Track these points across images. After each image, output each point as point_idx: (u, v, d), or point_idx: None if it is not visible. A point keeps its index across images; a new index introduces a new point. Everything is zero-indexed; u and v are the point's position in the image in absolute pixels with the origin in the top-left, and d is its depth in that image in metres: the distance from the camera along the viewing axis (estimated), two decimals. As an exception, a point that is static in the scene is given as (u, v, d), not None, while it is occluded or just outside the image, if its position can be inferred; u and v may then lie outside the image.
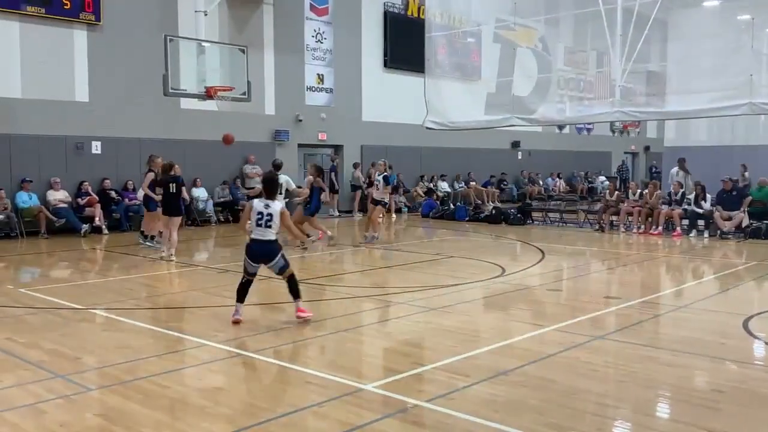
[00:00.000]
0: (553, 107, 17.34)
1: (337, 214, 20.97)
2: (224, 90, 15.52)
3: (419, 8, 22.68)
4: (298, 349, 6.46)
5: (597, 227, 16.88)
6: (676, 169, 18.31)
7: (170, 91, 14.84)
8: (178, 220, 12.11)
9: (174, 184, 12.00)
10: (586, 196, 23.54)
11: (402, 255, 12.86)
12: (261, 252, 7.07)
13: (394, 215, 20.93)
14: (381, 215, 14.76)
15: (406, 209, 22.54)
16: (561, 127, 28.86)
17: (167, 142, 17.41)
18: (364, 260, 12.62)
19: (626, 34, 14.64)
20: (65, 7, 15.69)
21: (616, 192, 17.35)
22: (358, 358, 6.28)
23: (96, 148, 16.38)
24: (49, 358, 5.93)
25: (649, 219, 16.14)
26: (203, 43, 15.65)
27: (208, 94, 15.31)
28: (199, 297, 8.83)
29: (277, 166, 12.85)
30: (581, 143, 31.25)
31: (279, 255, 7.08)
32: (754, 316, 7.62)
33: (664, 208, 15.87)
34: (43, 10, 15.38)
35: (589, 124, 28.80)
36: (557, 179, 29.04)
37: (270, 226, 6.98)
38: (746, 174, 22.74)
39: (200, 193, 17.77)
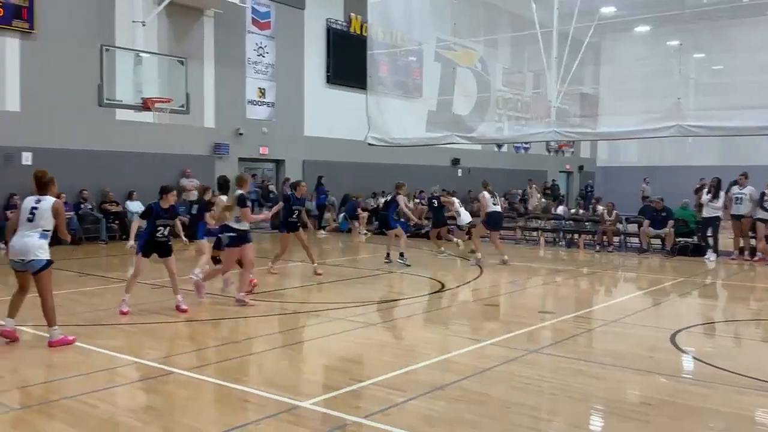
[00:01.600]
0: (491, 126, 17.69)
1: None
2: (162, 102, 15.27)
3: (362, 25, 22.86)
4: (234, 366, 6.35)
5: (598, 247, 16.90)
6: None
7: (105, 101, 14.52)
8: (201, 243, 10.29)
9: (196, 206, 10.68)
10: (523, 214, 24.04)
11: (342, 270, 12.84)
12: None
13: (324, 231, 20.86)
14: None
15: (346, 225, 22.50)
16: (499, 146, 29.46)
17: (102, 153, 16.99)
18: (304, 276, 12.53)
19: (561, 57, 15.09)
20: (-3, 14, 15.18)
21: (615, 212, 17.35)
22: (295, 375, 6.21)
23: (27, 159, 15.80)
24: (-30, 378, 5.67)
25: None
26: (141, 54, 15.39)
27: (145, 106, 15.05)
28: (133, 314, 8.57)
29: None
30: (519, 162, 31.94)
31: None
32: (681, 330, 7.90)
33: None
34: (-28, 16, 14.84)
35: (526, 143, 29.50)
36: (502, 198, 29.38)
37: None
38: (647, 187, 25.90)
39: (136, 206, 17.33)
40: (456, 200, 15.94)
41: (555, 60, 15.18)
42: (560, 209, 20.43)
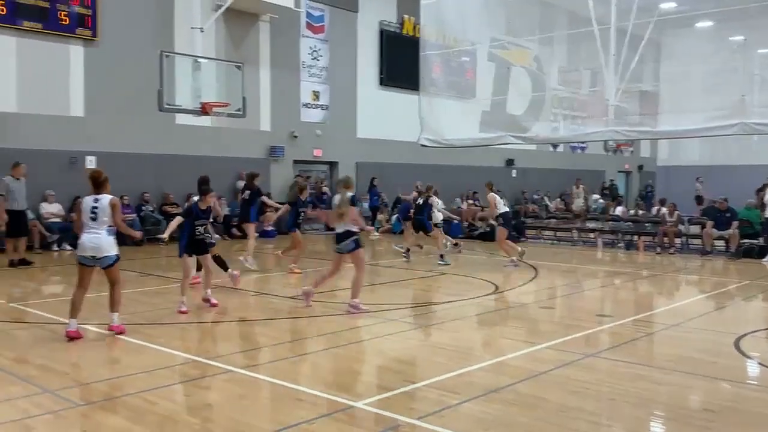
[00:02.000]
0: (547, 126, 17.38)
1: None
2: (220, 106, 15.56)
3: (414, 27, 22.85)
4: (289, 365, 6.43)
5: (659, 249, 16.54)
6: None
7: (165, 106, 14.86)
8: (249, 226, 12.65)
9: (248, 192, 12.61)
10: (579, 215, 23.62)
11: (394, 272, 12.85)
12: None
13: (377, 233, 20.86)
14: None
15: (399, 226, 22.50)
16: (555, 146, 28.96)
17: (162, 157, 17.45)
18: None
19: (619, 54, 14.72)
20: (62, 23, 15.78)
21: (676, 213, 17.01)
22: (349, 374, 6.25)
23: (90, 162, 16.35)
24: (38, 373, 5.89)
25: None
26: (199, 60, 15.71)
27: (204, 110, 15.34)
28: (190, 313, 8.78)
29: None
30: (575, 162, 31.33)
31: None
32: (746, 335, 7.62)
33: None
34: (40, 26, 15.46)
35: (583, 143, 28.92)
36: (557, 199, 28.88)
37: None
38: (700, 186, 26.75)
39: (194, 208, 17.73)
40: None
41: (613, 57, 14.82)
42: (619, 210, 20.01)
